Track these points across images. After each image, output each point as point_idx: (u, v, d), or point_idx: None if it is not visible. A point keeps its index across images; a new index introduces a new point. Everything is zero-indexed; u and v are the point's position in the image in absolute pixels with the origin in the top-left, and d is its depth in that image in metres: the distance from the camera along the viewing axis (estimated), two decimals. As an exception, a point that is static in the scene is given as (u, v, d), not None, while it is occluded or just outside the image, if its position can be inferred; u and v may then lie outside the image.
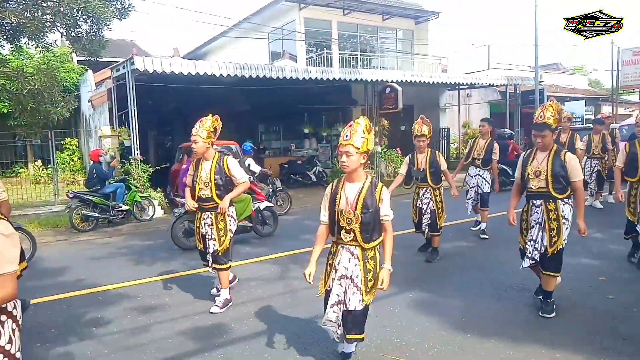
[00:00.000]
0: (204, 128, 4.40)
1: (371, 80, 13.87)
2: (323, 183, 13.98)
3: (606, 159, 9.06)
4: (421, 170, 5.91)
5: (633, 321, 3.96)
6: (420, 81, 14.93)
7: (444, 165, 5.98)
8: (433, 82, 15.50)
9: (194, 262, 6.29)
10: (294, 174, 14.64)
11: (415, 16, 20.63)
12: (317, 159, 15.66)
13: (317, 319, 4.29)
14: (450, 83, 16.68)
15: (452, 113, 19.70)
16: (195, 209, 4.56)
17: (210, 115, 4.55)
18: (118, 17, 9.30)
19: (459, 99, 19.59)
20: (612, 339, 3.65)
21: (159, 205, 10.52)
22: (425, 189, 5.98)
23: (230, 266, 4.71)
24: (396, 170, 14.17)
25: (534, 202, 4.15)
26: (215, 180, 4.44)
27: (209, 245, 4.55)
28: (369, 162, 5.03)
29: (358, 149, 2.99)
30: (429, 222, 5.94)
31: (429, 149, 5.99)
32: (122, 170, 10.74)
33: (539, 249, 4.09)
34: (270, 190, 9.76)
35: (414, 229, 6.32)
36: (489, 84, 17.93)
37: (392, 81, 14.16)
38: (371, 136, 3.07)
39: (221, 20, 28.01)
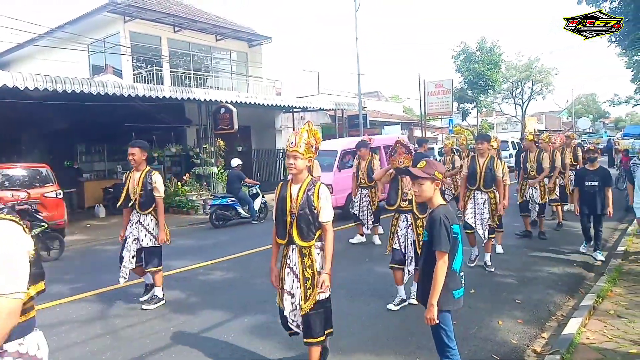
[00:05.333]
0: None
1: (205, 100, 13.54)
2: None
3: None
4: None
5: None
6: (255, 103, 15.09)
7: None
8: (268, 105, 15.83)
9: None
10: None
11: (248, 39, 21.03)
12: None
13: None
14: (284, 106, 17.25)
15: (287, 134, 20.39)
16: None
17: None
18: None
19: (294, 121, 20.42)
20: (425, 338, 4.02)
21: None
22: None
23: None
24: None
25: None
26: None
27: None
28: (205, 183, 4.81)
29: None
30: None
31: None
32: None
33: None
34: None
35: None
36: (320, 108, 19.07)
37: (226, 102, 14.01)
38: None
39: (27, 26, 24.57)
